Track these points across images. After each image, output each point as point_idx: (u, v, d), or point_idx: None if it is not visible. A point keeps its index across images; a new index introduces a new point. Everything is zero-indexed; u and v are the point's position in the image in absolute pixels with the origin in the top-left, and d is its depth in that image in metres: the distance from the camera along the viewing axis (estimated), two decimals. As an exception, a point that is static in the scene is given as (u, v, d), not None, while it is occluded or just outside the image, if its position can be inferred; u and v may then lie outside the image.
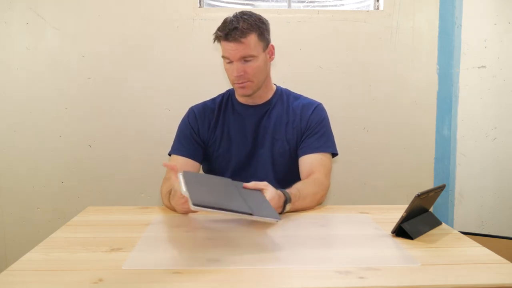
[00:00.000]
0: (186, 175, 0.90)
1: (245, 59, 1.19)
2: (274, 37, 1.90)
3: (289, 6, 2.01)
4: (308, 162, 1.26)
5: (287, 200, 1.06)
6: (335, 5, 2.05)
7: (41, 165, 1.93)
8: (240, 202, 0.91)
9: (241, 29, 1.16)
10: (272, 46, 1.28)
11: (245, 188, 1.02)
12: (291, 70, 1.95)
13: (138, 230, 0.96)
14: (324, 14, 1.94)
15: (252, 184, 1.03)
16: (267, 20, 1.26)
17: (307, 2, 2.03)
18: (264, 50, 1.24)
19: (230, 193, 0.96)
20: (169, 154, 1.34)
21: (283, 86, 1.40)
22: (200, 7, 1.93)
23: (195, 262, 0.77)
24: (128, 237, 0.91)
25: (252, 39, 1.18)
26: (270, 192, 1.01)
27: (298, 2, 2.03)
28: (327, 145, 1.28)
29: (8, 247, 1.96)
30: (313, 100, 1.36)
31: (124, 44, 1.90)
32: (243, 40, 1.17)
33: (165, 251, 0.85)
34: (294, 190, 1.11)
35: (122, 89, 1.92)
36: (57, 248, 0.86)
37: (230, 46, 1.18)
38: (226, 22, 1.19)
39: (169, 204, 1.13)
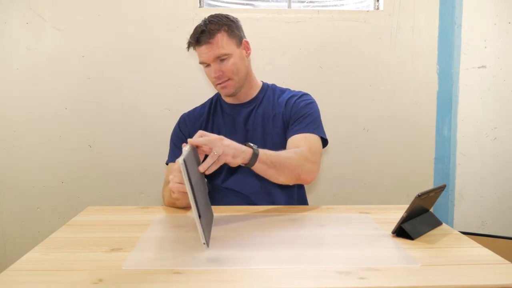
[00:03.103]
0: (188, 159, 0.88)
1: (219, 58, 1.20)
2: (274, 37, 1.92)
3: (289, 6, 2.01)
4: (292, 142, 1.21)
5: (253, 149, 1.02)
6: (335, 5, 2.05)
7: (41, 165, 1.93)
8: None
9: (209, 30, 1.18)
10: (247, 41, 1.28)
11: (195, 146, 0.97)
12: (291, 70, 1.95)
13: (138, 230, 0.96)
14: (324, 14, 1.94)
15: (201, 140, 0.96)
16: (236, 18, 1.27)
17: (307, 2, 2.03)
18: (238, 47, 1.24)
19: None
20: (167, 163, 1.35)
21: (283, 86, 1.40)
22: (200, 7, 1.93)
23: (195, 262, 0.77)
24: (128, 237, 0.91)
25: (221, 37, 1.20)
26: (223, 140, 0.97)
27: (298, 2, 2.03)
28: (313, 127, 1.23)
29: (8, 247, 1.96)
30: (299, 91, 1.35)
31: (124, 44, 1.90)
32: (211, 40, 1.18)
33: (165, 251, 0.85)
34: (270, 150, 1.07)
35: (122, 89, 1.92)
36: (57, 248, 0.86)
37: (202, 49, 1.20)
38: (195, 29, 1.22)
39: (170, 199, 1.14)
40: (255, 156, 1.02)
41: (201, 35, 1.18)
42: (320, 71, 1.96)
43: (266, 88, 1.36)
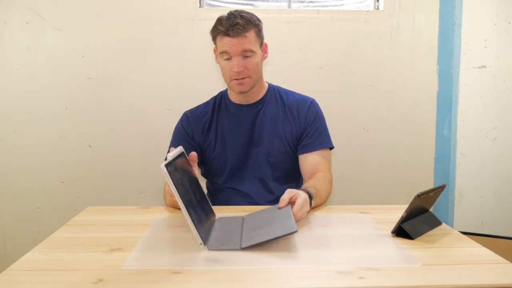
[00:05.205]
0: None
1: (245, 54, 1.20)
2: (274, 37, 1.92)
3: (289, 6, 2.01)
4: (312, 161, 1.28)
5: (311, 196, 1.07)
6: (335, 5, 2.05)
7: (41, 165, 1.93)
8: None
9: (242, 24, 1.18)
10: (266, 44, 1.29)
11: (280, 208, 0.99)
12: (291, 70, 1.95)
13: (138, 230, 0.96)
14: (324, 14, 1.94)
15: (285, 201, 1.00)
16: (260, 19, 1.27)
17: (307, 2, 2.03)
18: (260, 48, 1.25)
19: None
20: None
21: (283, 86, 1.40)
22: (200, 7, 1.93)
23: (195, 262, 0.77)
24: (128, 237, 0.91)
25: (252, 34, 1.20)
26: (301, 195, 1.02)
27: (298, 2, 2.03)
28: (327, 141, 1.32)
29: (8, 247, 1.96)
30: (306, 96, 1.37)
31: (124, 44, 1.90)
32: (246, 34, 1.18)
33: (165, 251, 0.85)
34: (312, 188, 1.11)
35: (122, 89, 1.92)
36: (57, 248, 0.86)
37: (232, 41, 1.18)
38: (222, 19, 1.20)
39: (171, 200, 1.13)
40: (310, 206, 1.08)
41: (235, 26, 1.17)
42: (320, 71, 1.96)
43: (272, 90, 1.37)
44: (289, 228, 0.84)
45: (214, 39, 1.24)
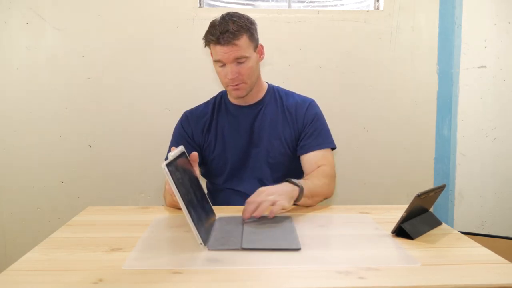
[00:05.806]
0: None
1: (238, 60, 1.19)
2: (274, 37, 1.92)
3: (289, 6, 2.01)
4: (312, 159, 1.27)
5: (299, 187, 1.08)
6: (335, 5, 2.05)
7: (41, 165, 1.93)
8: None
9: (233, 31, 1.16)
10: (261, 45, 1.28)
11: (245, 219, 1.00)
12: (291, 70, 1.95)
13: (138, 230, 0.96)
14: (324, 14, 1.94)
15: (248, 212, 1.00)
16: (254, 20, 1.25)
17: (307, 2, 2.03)
18: (254, 50, 1.24)
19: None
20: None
21: (283, 86, 1.40)
22: (200, 7, 1.93)
23: (195, 262, 0.77)
24: (128, 237, 0.91)
25: (244, 40, 1.18)
26: (264, 190, 1.02)
27: (298, 2, 2.03)
28: (327, 141, 1.31)
29: (8, 247, 1.96)
30: (306, 97, 1.36)
31: (124, 44, 1.90)
32: (236, 42, 1.16)
33: (165, 251, 0.85)
34: (304, 180, 1.12)
35: (122, 89, 1.92)
36: (57, 248, 0.86)
37: (223, 49, 1.17)
38: (215, 25, 1.19)
39: (171, 200, 1.13)
40: (301, 193, 1.08)
41: (225, 34, 1.15)
42: (320, 71, 1.96)
43: (272, 90, 1.36)
44: (293, 244, 0.85)
45: (207, 45, 1.23)
